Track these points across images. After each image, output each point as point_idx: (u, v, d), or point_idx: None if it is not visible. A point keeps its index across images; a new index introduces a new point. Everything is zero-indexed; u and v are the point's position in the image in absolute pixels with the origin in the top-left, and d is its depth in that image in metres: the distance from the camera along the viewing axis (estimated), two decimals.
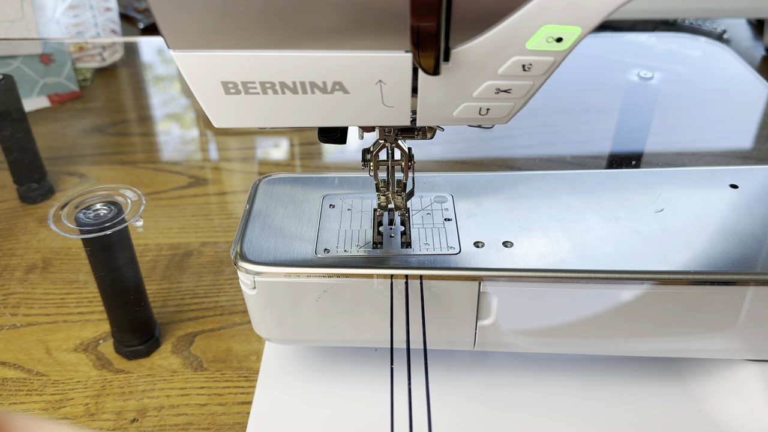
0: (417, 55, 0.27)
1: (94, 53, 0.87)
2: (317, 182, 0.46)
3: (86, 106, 0.81)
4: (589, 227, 0.41)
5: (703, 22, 1.18)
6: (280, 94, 0.30)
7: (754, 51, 1.09)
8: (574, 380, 0.44)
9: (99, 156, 0.70)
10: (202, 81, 0.30)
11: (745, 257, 0.39)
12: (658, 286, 0.38)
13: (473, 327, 0.41)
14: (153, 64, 0.92)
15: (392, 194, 0.41)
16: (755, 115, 0.72)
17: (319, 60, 0.29)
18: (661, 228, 0.41)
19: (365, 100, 0.30)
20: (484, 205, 0.44)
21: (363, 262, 0.39)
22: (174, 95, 0.84)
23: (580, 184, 0.46)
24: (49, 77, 0.80)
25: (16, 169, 0.62)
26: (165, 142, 0.74)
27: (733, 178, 0.46)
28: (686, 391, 0.44)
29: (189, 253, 0.57)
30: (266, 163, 0.70)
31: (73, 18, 0.86)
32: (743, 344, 0.41)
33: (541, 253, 0.39)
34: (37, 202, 0.63)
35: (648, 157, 0.66)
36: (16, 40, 0.78)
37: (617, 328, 0.41)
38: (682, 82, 0.78)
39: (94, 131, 0.75)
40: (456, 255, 0.39)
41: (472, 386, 0.44)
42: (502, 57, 0.29)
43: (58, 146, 0.72)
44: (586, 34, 0.28)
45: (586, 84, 0.80)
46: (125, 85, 0.87)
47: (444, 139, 0.69)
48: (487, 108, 0.31)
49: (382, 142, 0.38)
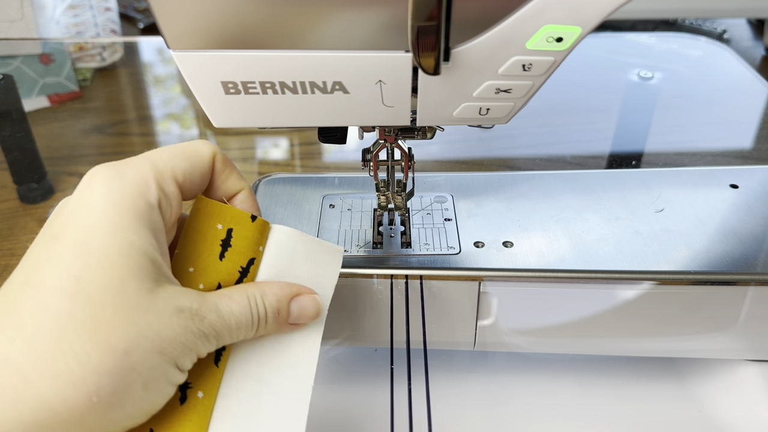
0: (417, 55, 0.27)
1: (93, 53, 0.87)
2: (317, 182, 0.46)
3: (86, 106, 0.81)
4: (589, 227, 0.41)
5: (703, 21, 1.18)
6: (280, 94, 0.30)
7: (754, 51, 1.09)
8: (574, 380, 0.44)
9: (99, 156, 0.70)
10: (202, 81, 0.30)
11: (745, 257, 0.39)
12: (658, 286, 0.38)
13: (473, 327, 0.41)
14: (153, 64, 0.92)
15: (392, 194, 0.41)
16: (755, 115, 0.72)
17: (319, 60, 0.29)
18: (661, 228, 0.41)
19: (365, 100, 0.30)
20: (484, 205, 0.44)
21: (363, 262, 0.39)
22: (174, 95, 0.84)
23: (580, 184, 0.45)
24: (48, 77, 0.80)
25: (16, 169, 0.62)
26: (165, 142, 0.74)
27: (734, 178, 0.46)
28: (686, 391, 0.44)
29: None
30: (266, 163, 0.70)
31: (72, 18, 0.86)
32: (743, 344, 0.41)
33: (541, 253, 0.39)
34: (37, 202, 0.63)
35: (648, 157, 0.66)
36: (15, 40, 0.78)
37: (617, 328, 0.41)
38: (683, 82, 0.78)
39: (93, 131, 0.75)
40: (456, 255, 0.39)
41: (472, 386, 0.44)
42: (502, 57, 0.29)
43: (58, 146, 0.72)
44: (586, 33, 0.28)
45: (586, 84, 0.80)
46: (125, 85, 0.87)
47: (444, 139, 0.69)
48: (487, 108, 0.31)
49: (382, 142, 0.38)
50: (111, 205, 0.26)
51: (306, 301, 0.32)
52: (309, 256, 0.33)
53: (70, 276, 0.25)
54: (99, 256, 0.25)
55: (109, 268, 0.25)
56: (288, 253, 0.33)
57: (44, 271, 0.25)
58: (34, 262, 0.26)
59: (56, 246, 0.26)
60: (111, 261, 0.25)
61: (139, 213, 0.27)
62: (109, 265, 0.25)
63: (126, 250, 0.26)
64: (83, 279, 0.25)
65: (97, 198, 0.26)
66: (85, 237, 0.26)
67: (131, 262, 0.26)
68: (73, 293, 0.24)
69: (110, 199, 0.26)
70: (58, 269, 0.25)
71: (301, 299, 0.32)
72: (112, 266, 0.25)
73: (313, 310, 0.32)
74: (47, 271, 0.25)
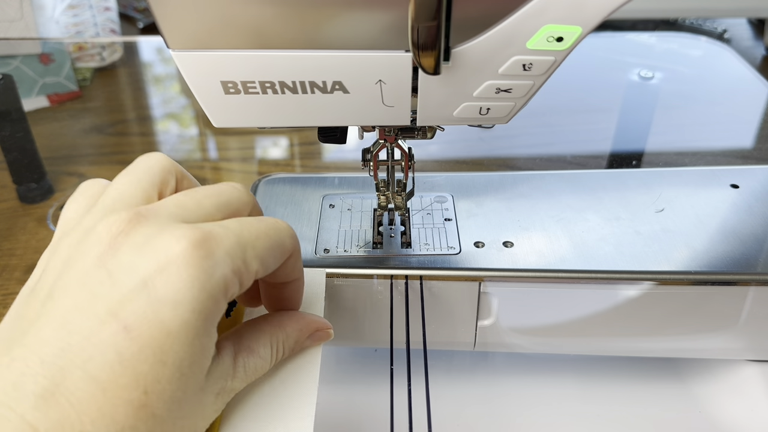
0: (417, 54, 0.27)
1: (93, 53, 0.87)
2: (317, 182, 0.46)
3: (85, 105, 0.81)
4: (590, 227, 0.41)
5: (704, 21, 1.17)
6: (280, 94, 0.30)
7: (755, 50, 1.09)
8: (574, 380, 0.44)
9: (98, 156, 0.70)
10: (202, 81, 0.30)
11: (746, 257, 0.39)
12: (659, 286, 0.38)
13: (473, 327, 0.41)
14: (152, 64, 0.92)
15: (392, 194, 0.41)
16: (756, 115, 0.72)
17: (319, 60, 0.29)
18: (661, 228, 0.41)
19: (365, 99, 0.30)
20: (485, 205, 0.44)
21: (363, 262, 0.39)
22: (173, 95, 0.83)
23: (580, 184, 0.45)
24: (48, 77, 0.79)
25: (16, 168, 0.62)
26: (164, 142, 0.74)
27: (734, 177, 0.46)
28: (686, 391, 0.43)
29: None
30: (266, 163, 0.70)
31: (72, 17, 0.86)
32: (744, 344, 0.41)
33: (541, 253, 0.39)
34: (37, 202, 0.63)
35: (648, 157, 0.66)
36: (15, 39, 0.78)
37: (618, 329, 0.40)
38: (683, 82, 0.78)
39: (93, 131, 0.75)
40: (456, 255, 0.39)
41: (472, 387, 0.44)
42: (503, 56, 0.28)
43: (57, 146, 0.72)
44: (587, 33, 0.28)
45: (586, 83, 0.79)
46: (124, 84, 0.87)
47: (444, 139, 0.69)
48: (488, 108, 0.31)
49: (382, 142, 0.38)
50: (196, 310, 0.24)
51: (319, 337, 0.32)
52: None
53: (139, 386, 0.23)
54: (172, 370, 0.24)
55: (177, 381, 0.24)
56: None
57: (114, 371, 0.23)
58: (101, 352, 0.23)
59: (130, 345, 0.23)
60: (181, 374, 0.24)
61: (217, 313, 0.25)
62: (179, 377, 0.24)
63: (197, 359, 0.25)
64: (152, 393, 0.23)
65: (183, 296, 0.24)
66: (163, 343, 0.23)
67: (197, 371, 0.25)
68: (138, 407, 0.23)
69: (195, 299, 0.24)
70: (128, 377, 0.23)
71: (316, 336, 0.32)
72: (181, 379, 0.24)
73: (324, 340, 0.33)
74: (117, 374, 0.23)
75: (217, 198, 0.28)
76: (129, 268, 0.24)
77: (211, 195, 0.28)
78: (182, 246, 0.24)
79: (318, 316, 0.33)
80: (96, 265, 0.24)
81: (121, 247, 0.24)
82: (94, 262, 0.24)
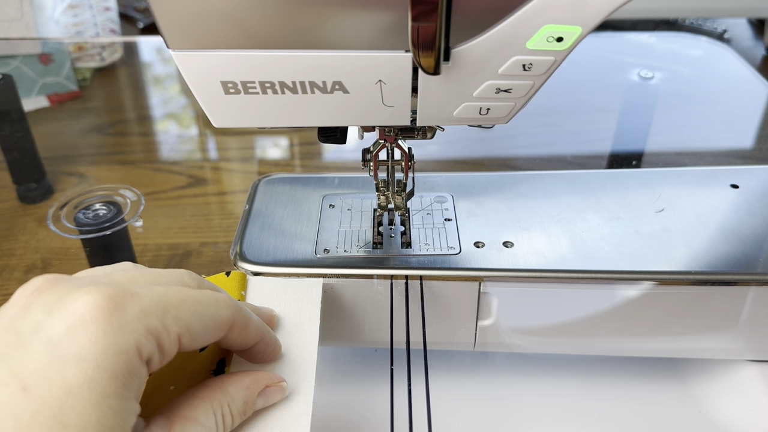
0: (417, 54, 0.27)
1: (93, 53, 0.87)
2: (317, 182, 0.46)
3: (85, 105, 0.81)
4: (590, 227, 0.41)
5: (704, 21, 1.17)
6: (280, 94, 0.30)
7: (755, 50, 1.09)
8: (574, 380, 0.44)
9: (98, 156, 0.70)
10: (202, 81, 0.30)
11: (746, 257, 0.39)
12: (659, 286, 0.38)
13: (473, 327, 0.41)
14: (152, 64, 0.92)
15: (392, 194, 0.41)
16: (756, 115, 0.72)
17: (319, 60, 0.29)
18: (661, 228, 0.41)
19: (365, 100, 0.30)
20: (485, 205, 0.44)
21: (363, 262, 0.39)
22: (173, 95, 0.83)
23: (580, 184, 0.45)
24: (48, 77, 0.79)
25: (15, 169, 0.62)
26: (164, 142, 0.74)
27: (734, 178, 0.46)
28: (686, 391, 0.43)
29: (188, 254, 0.57)
30: (266, 163, 0.70)
31: (72, 17, 0.86)
32: (744, 344, 0.41)
33: (541, 253, 0.39)
34: (36, 202, 0.63)
35: (649, 157, 0.66)
36: (15, 39, 0.78)
37: (618, 329, 0.40)
38: (683, 82, 0.78)
39: (93, 131, 0.75)
40: (456, 255, 0.39)
41: (472, 386, 0.44)
42: (503, 56, 0.28)
43: (57, 146, 0.72)
44: (587, 33, 0.28)
45: (586, 84, 0.79)
46: (124, 84, 0.87)
47: (444, 139, 0.69)
48: (488, 108, 0.31)
49: (382, 142, 0.38)
50: (101, 366, 0.22)
51: (272, 393, 0.30)
52: (288, 289, 0.37)
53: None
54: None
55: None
56: (269, 290, 0.37)
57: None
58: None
59: (28, 406, 0.21)
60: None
61: (129, 374, 0.23)
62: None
63: (108, 423, 0.22)
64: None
65: (88, 351, 0.22)
66: (63, 403, 0.21)
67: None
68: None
69: (102, 355, 0.22)
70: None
71: (267, 392, 0.30)
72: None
73: (278, 398, 0.31)
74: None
75: (177, 282, 0.27)
76: (36, 327, 0.23)
77: (171, 281, 0.27)
78: (92, 299, 0.23)
79: (267, 372, 0.31)
80: (6, 327, 0.23)
81: (32, 307, 0.23)
82: (5, 325, 0.23)
